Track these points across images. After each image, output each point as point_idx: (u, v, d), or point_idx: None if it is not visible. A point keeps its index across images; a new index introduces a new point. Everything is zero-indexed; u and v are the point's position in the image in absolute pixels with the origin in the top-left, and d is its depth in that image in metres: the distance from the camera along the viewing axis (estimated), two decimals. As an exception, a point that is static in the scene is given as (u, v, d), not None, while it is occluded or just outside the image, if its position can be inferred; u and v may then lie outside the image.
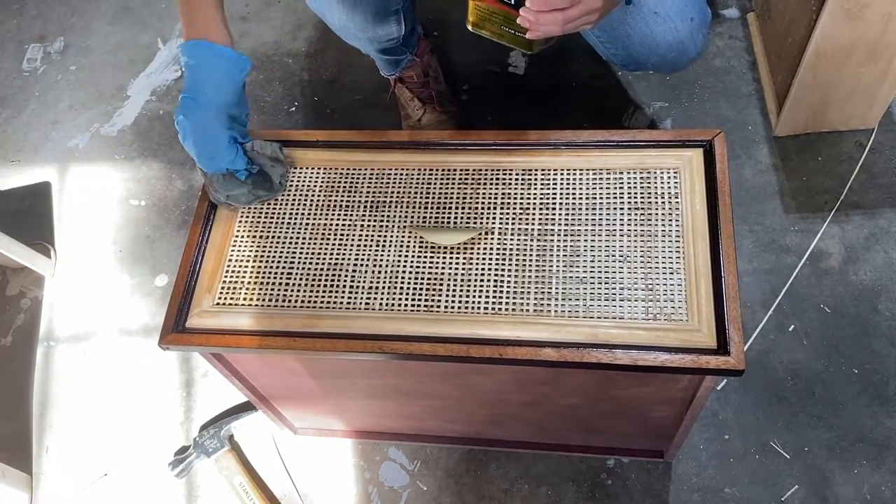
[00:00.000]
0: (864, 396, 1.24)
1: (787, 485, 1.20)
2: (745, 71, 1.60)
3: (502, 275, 0.86)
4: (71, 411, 1.41)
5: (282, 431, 1.31)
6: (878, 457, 1.20)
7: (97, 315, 1.51)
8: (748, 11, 1.66)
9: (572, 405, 1.04)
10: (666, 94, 1.59)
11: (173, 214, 1.61)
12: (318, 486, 1.30)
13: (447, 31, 1.76)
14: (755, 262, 1.37)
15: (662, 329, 0.81)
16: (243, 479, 1.28)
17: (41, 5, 1.99)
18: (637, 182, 0.90)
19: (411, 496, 1.27)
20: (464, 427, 1.23)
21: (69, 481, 1.35)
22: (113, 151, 1.72)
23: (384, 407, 1.16)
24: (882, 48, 1.26)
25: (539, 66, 1.68)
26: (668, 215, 0.87)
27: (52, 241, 1.61)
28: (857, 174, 1.43)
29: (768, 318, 1.32)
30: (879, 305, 1.31)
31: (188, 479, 1.32)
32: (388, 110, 1.65)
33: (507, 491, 1.25)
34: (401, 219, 0.92)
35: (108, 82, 1.83)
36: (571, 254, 0.86)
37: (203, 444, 1.31)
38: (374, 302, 0.87)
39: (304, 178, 0.97)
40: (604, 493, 1.23)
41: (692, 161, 0.89)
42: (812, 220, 1.40)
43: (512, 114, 1.62)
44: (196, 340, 0.88)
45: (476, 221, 0.90)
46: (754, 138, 1.51)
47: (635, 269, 0.85)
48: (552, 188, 0.91)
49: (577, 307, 0.83)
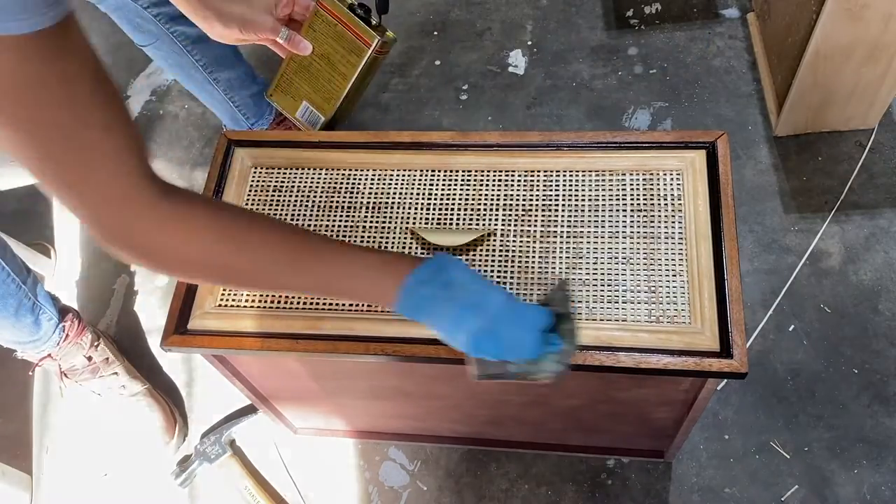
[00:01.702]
0: (864, 396, 1.24)
1: (787, 485, 1.20)
2: (745, 71, 1.60)
3: (504, 276, 0.86)
4: (71, 411, 1.41)
5: (282, 431, 1.31)
6: (878, 457, 1.20)
7: (97, 315, 1.50)
8: (748, 11, 1.66)
9: (573, 406, 1.04)
10: (666, 94, 1.59)
11: (173, 214, 1.61)
12: (319, 486, 1.30)
13: (447, 31, 1.76)
14: (755, 262, 1.37)
15: (665, 331, 0.81)
16: (248, 483, 1.28)
17: (40, 4, 1.99)
18: (640, 184, 0.89)
19: (411, 496, 1.27)
20: (464, 427, 1.23)
21: (69, 481, 1.35)
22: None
23: (385, 407, 1.16)
24: (882, 48, 1.26)
25: (539, 66, 1.68)
26: (670, 217, 0.87)
27: (52, 240, 1.61)
28: (857, 174, 1.43)
29: (768, 318, 1.32)
30: (879, 305, 1.31)
31: (191, 485, 1.32)
32: (386, 110, 1.65)
33: (507, 491, 1.25)
34: (402, 220, 0.92)
35: (108, 81, 1.82)
36: (574, 256, 0.86)
37: (205, 451, 1.31)
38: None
39: (306, 180, 0.97)
40: (604, 493, 1.23)
41: (695, 163, 0.89)
42: (812, 220, 1.40)
43: (512, 114, 1.62)
44: (198, 342, 0.88)
45: (478, 223, 0.90)
46: (754, 138, 1.51)
47: (638, 271, 0.85)
48: (554, 189, 0.91)
49: (580, 309, 0.83)
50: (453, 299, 0.70)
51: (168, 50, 1.31)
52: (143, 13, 1.23)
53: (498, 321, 0.70)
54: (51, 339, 1.24)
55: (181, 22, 1.26)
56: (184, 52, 1.31)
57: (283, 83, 1.12)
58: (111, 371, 1.32)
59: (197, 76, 1.37)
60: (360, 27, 1.02)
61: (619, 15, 1.72)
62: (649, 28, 1.69)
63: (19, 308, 1.16)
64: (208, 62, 1.35)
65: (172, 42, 1.29)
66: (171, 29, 1.27)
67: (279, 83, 1.12)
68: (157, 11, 1.24)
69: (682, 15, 1.70)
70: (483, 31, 1.75)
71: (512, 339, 0.70)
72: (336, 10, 1.02)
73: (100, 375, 1.31)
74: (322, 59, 1.06)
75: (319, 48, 1.05)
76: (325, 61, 1.06)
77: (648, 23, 1.70)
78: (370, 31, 1.02)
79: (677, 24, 1.69)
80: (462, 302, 0.70)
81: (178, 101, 1.76)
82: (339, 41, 1.04)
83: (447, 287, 0.70)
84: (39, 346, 1.24)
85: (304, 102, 1.10)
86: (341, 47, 1.04)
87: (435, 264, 0.71)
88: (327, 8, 1.03)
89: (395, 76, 1.71)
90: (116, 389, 1.32)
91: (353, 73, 1.04)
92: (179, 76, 1.39)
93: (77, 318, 1.29)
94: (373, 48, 1.02)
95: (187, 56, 1.32)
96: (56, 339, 1.25)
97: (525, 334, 0.70)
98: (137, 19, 1.25)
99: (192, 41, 1.30)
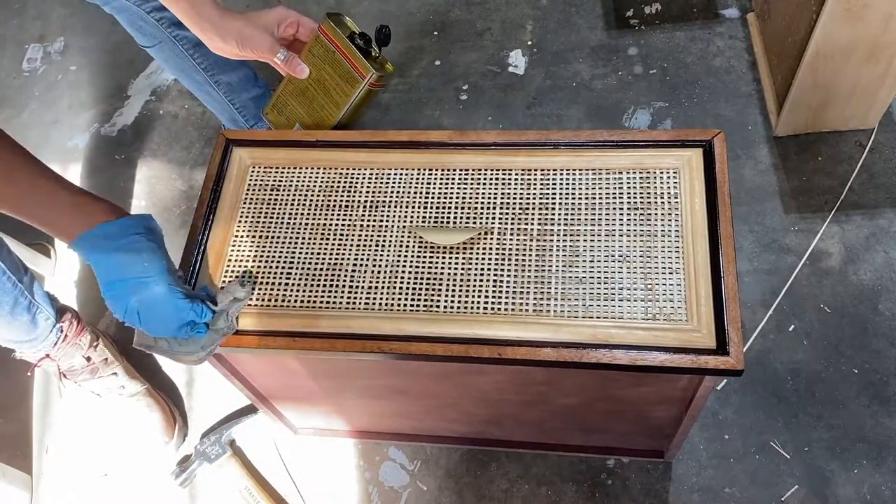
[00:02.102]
0: (864, 396, 1.24)
1: (787, 485, 1.19)
2: (745, 71, 1.59)
3: (501, 275, 0.86)
4: (71, 411, 1.41)
5: (282, 431, 1.31)
6: (878, 457, 1.20)
7: (97, 315, 1.51)
8: (748, 11, 1.66)
9: (572, 405, 1.04)
10: (666, 94, 1.59)
11: (173, 214, 1.61)
12: (319, 486, 1.30)
13: (447, 31, 1.76)
14: (755, 262, 1.37)
15: (661, 329, 0.81)
16: (248, 483, 1.28)
17: (41, 5, 2.00)
18: (636, 182, 0.89)
19: (411, 496, 1.27)
20: (464, 427, 1.23)
21: (69, 481, 1.35)
22: (113, 151, 1.72)
23: (384, 407, 1.16)
24: (882, 48, 1.26)
25: (539, 66, 1.68)
26: (667, 215, 0.87)
27: (51, 241, 1.61)
28: (857, 174, 1.43)
29: (768, 318, 1.32)
30: (879, 305, 1.31)
31: (191, 485, 1.32)
32: (386, 110, 1.65)
33: (507, 491, 1.25)
34: (400, 219, 0.92)
35: (108, 82, 1.83)
36: (571, 254, 0.86)
37: (205, 452, 1.31)
38: (374, 302, 0.87)
39: (304, 179, 0.97)
40: (604, 493, 1.22)
41: (692, 161, 0.89)
42: (812, 220, 1.40)
43: (512, 114, 1.62)
44: (195, 340, 0.88)
45: (475, 221, 0.90)
46: (754, 138, 1.51)
47: (634, 269, 0.84)
48: (552, 188, 0.91)
49: (577, 307, 0.83)
50: (121, 266, 0.80)
51: (170, 52, 1.31)
52: (145, 17, 1.24)
53: (148, 305, 0.81)
54: (48, 339, 1.25)
55: (183, 27, 1.26)
56: (185, 56, 1.32)
57: (279, 103, 1.12)
58: (110, 371, 1.32)
59: (198, 78, 1.37)
60: (357, 58, 1.01)
61: (619, 15, 1.73)
62: (649, 28, 1.69)
63: (15, 306, 1.17)
64: (209, 65, 1.35)
65: (174, 45, 1.29)
66: (172, 33, 1.27)
67: (275, 103, 1.12)
68: (159, 16, 1.24)
69: (682, 15, 1.70)
70: (483, 31, 1.75)
71: (154, 324, 0.82)
72: (335, 38, 1.02)
73: (99, 376, 1.31)
74: (318, 84, 1.06)
75: (317, 73, 1.05)
76: (321, 87, 1.06)
77: (648, 23, 1.70)
78: (367, 63, 1.01)
79: (677, 24, 1.69)
80: (128, 272, 0.80)
81: (178, 101, 1.76)
82: (336, 69, 1.03)
83: (123, 251, 0.80)
84: (36, 345, 1.24)
85: (297, 125, 1.10)
86: (337, 75, 1.03)
87: (125, 224, 0.81)
88: (328, 34, 1.02)
89: (395, 76, 1.72)
90: (116, 390, 1.33)
91: (346, 103, 1.04)
92: (181, 77, 1.39)
93: (76, 319, 1.29)
94: (367, 81, 1.01)
95: (189, 59, 1.33)
96: (53, 339, 1.25)
97: (167, 324, 0.82)
98: (140, 22, 1.26)
99: (193, 45, 1.30)
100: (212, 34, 0.99)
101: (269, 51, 1.02)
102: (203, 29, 0.99)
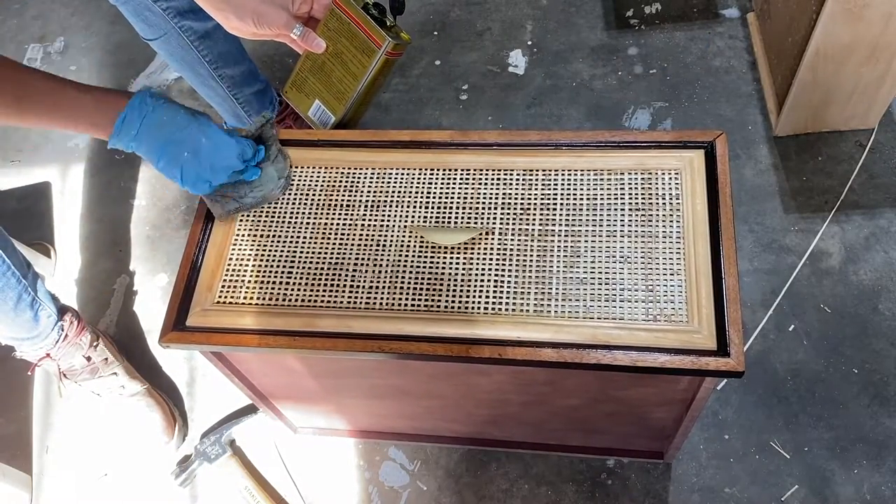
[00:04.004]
0: (864, 396, 1.24)
1: (787, 485, 1.20)
2: (745, 71, 1.60)
3: (502, 275, 0.86)
4: (71, 411, 1.41)
5: (282, 431, 1.31)
6: (878, 457, 1.20)
7: (97, 315, 1.51)
8: (748, 11, 1.66)
9: (572, 406, 1.04)
10: (666, 94, 1.59)
11: (173, 214, 1.61)
12: (319, 485, 1.30)
13: (447, 30, 1.76)
14: (755, 262, 1.37)
15: (662, 330, 0.81)
16: (248, 483, 1.28)
17: (41, 5, 1.99)
18: (638, 183, 0.89)
19: (411, 496, 1.27)
20: (464, 427, 1.23)
21: (69, 481, 1.35)
22: (113, 151, 1.72)
23: (384, 406, 1.16)
24: (882, 48, 1.26)
25: (539, 66, 1.68)
26: (668, 216, 0.87)
27: (52, 240, 1.61)
28: (857, 174, 1.43)
29: (768, 318, 1.32)
30: (879, 305, 1.31)
31: (191, 485, 1.32)
32: (387, 110, 1.65)
33: (507, 491, 1.25)
34: (401, 218, 0.92)
35: (108, 82, 1.82)
36: (572, 254, 0.86)
37: (205, 451, 1.31)
38: (375, 301, 0.87)
39: (305, 178, 0.97)
40: (604, 493, 1.23)
41: (693, 162, 0.89)
42: (812, 220, 1.40)
43: (512, 114, 1.62)
44: (196, 339, 0.88)
45: (476, 221, 0.90)
46: (754, 138, 1.51)
47: (636, 269, 0.85)
48: (553, 188, 0.91)
49: (577, 308, 0.83)
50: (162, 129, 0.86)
51: (175, 45, 1.31)
52: (152, 7, 1.24)
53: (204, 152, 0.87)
54: (49, 337, 1.25)
55: (189, 17, 1.26)
56: (190, 48, 1.31)
57: (297, 80, 1.11)
58: (110, 371, 1.32)
59: (202, 72, 1.37)
60: (372, 28, 1.01)
61: (619, 15, 1.73)
62: (649, 28, 1.69)
63: (18, 302, 1.17)
64: (214, 58, 1.35)
65: (179, 37, 1.29)
66: (178, 24, 1.27)
67: (294, 80, 1.12)
68: (165, 5, 1.24)
69: (682, 15, 1.70)
70: (483, 31, 1.75)
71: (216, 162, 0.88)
72: (350, 9, 1.02)
73: (99, 376, 1.31)
74: (335, 57, 1.06)
75: (333, 47, 1.05)
76: (338, 60, 1.05)
77: (648, 23, 1.70)
78: (382, 32, 1.01)
79: (677, 24, 1.69)
80: (168, 137, 0.86)
81: (178, 100, 1.76)
82: (352, 41, 1.03)
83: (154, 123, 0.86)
84: (37, 343, 1.24)
85: (316, 101, 1.10)
86: (354, 47, 1.03)
87: (142, 100, 0.86)
88: (342, 6, 1.02)
89: (395, 76, 1.71)
90: (116, 390, 1.33)
91: (364, 74, 1.04)
92: (184, 71, 1.39)
93: (76, 318, 1.29)
94: (383, 49, 1.01)
95: (193, 51, 1.32)
96: (54, 338, 1.25)
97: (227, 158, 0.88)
98: (146, 13, 1.25)
99: (199, 36, 1.30)
100: (228, 12, 0.99)
101: (286, 26, 1.01)
102: (219, 8, 0.99)
